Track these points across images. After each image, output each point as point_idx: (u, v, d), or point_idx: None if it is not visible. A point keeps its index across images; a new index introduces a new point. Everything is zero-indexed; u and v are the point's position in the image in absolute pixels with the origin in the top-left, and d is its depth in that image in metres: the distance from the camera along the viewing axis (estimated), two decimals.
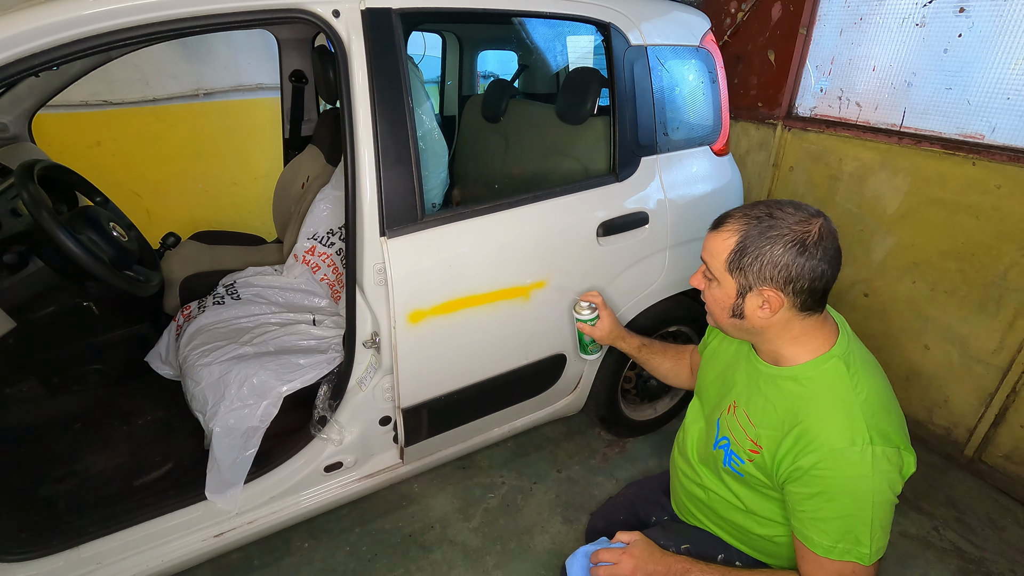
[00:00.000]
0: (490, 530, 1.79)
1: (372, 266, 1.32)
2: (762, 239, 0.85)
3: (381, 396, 1.49)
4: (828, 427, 0.85)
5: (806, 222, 0.85)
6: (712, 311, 0.98)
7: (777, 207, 0.88)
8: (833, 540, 0.85)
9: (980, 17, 1.80)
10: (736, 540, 1.10)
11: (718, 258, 0.91)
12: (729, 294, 0.91)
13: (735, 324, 0.95)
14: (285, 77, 2.41)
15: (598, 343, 1.38)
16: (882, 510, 0.84)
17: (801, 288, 0.85)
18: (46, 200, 1.39)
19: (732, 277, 0.90)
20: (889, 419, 0.87)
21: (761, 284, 0.87)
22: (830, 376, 0.89)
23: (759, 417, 0.95)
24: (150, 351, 1.82)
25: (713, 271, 0.93)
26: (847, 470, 0.83)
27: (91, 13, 1.00)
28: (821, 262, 0.84)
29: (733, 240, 0.88)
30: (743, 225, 0.88)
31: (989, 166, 1.82)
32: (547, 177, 1.93)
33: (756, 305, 0.89)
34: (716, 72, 1.83)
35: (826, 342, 0.92)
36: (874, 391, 0.88)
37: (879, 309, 2.22)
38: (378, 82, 1.24)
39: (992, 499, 1.93)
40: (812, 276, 0.84)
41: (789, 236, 0.84)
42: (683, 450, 1.16)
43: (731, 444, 1.00)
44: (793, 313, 0.89)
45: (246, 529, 1.46)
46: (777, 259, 0.84)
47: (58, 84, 1.88)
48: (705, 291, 0.97)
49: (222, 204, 3.24)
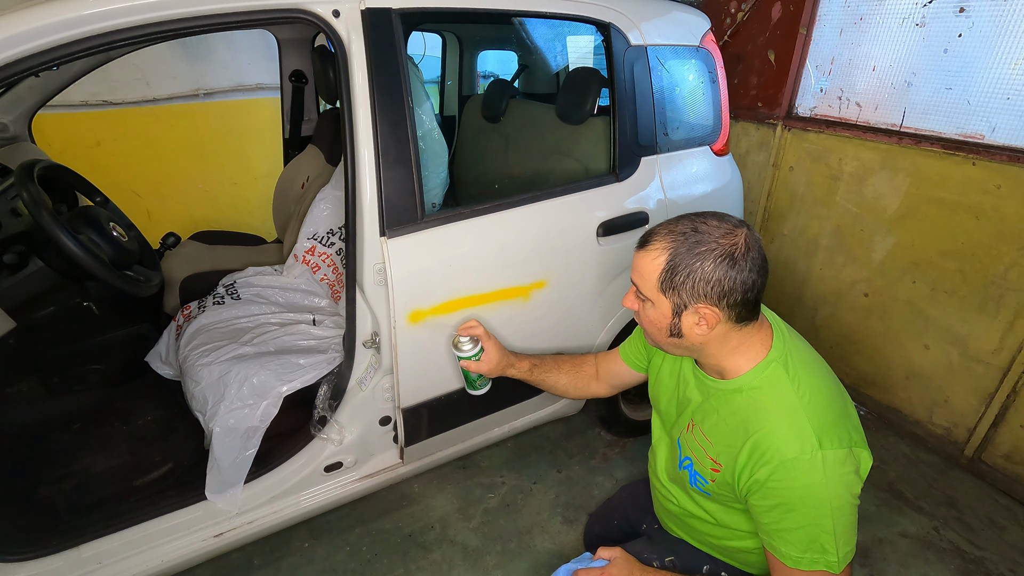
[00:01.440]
0: (490, 530, 1.79)
1: (372, 266, 1.32)
2: (691, 256, 0.84)
3: (381, 396, 1.49)
4: (777, 438, 0.84)
5: (731, 234, 0.84)
6: (649, 332, 0.96)
7: (701, 220, 0.87)
8: (800, 551, 0.85)
9: (980, 17, 1.80)
10: (717, 553, 1.09)
11: (649, 279, 0.89)
12: (665, 314, 0.90)
13: (674, 343, 0.93)
14: (285, 77, 2.41)
15: (486, 377, 1.30)
16: (843, 515, 0.83)
17: (735, 301, 0.85)
18: (46, 200, 1.39)
19: (666, 297, 0.88)
20: (835, 417, 0.86)
21: (695, 301, 0.86)
22: (771, 383, 0.89)
23: (714, 434, 0.94)
24: (150, 351, 1.82)
25: (645, 292, 0.91)
26: (800, 479, 0.82)
27: (91, 13, 1.00)
28: (751, 273, 0.84)
29: (663, 259, 0.86)
30: (670, 243, 0.86)
31: (989, 166, 1.82)
32: (547, 177, 1.93)
33: (693, 322, 0.88)
34: (716, 72, 1.83)
35: (763, 347, 0.91)
36: (816, 390, 0.88)
37: (879, 309, 2.22)
38: (378, 82, 1.24)
39: (992, 499, 1.93)
40: (744, 288, 0.84)
41: (718, 251, 0.83)
42: (654, 469, 1.15)
43: (694, 464, 0.99)
44: (730, 326, 0.88)
45: (246, 529, 1.46)
46: (709, 275, 0.83)
47: (58, 84, 1.88)
48: (640, 312, 0.95)
49: (222, 204, 3.24)
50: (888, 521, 1.84)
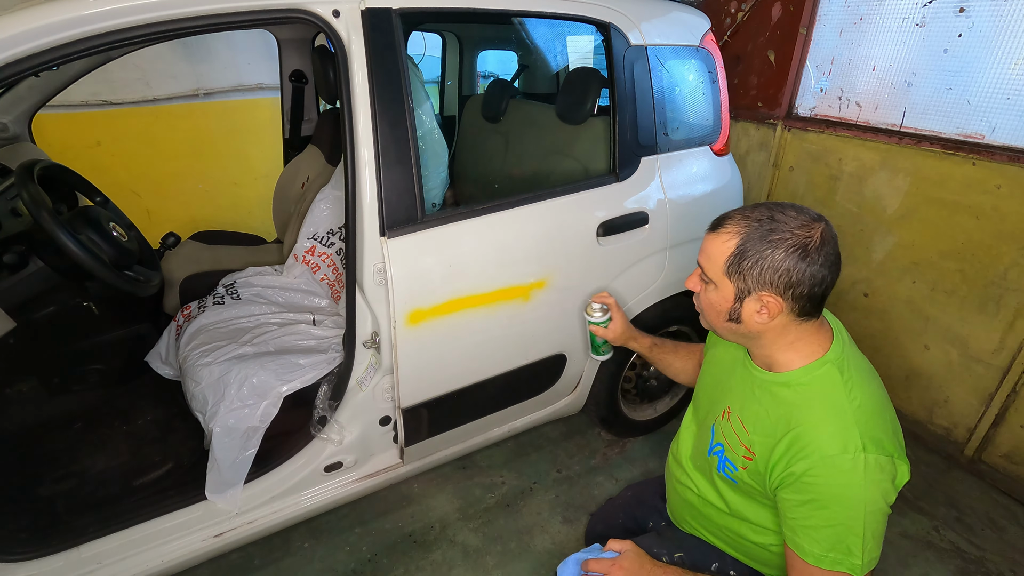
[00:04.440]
0: (490, 530, 1.79)
1: (372, 266, 1.32)
2: (763, 243, 0.83)
3: (381, 396, 1.49)
4: (821, 433, 0.83)
5: (808, 226, 0.83)
6: (707, 315, 0.96)
7: (779, 210, 0.85)
8: (824, 549, 0.84)
9: (980, 17, 1.80)
10: (731, 548, 1.09)
11: (716, 261, 0.89)
12: (727, 298, 0.89)
13: (731, 328, 0.93)
14: (285, 77, 2.41)
15: (610, 344, 1.36)
16: (874, 520, 0.82)
17: (801, 294, 0.84)
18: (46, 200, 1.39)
19: (731, 281, 0.87)
20: (883, 427, 0.86)
21: (760, 289, 0.85)
22: (824, 382, 0.88)
23: (753, 423, 0.94)
24: (150, 351, 1.82)
25: (710, 274, 0.90)
26: (838, 477, 0.81)
27: (91, 13, 1.00)
28: (822, 268, 0.82)
29: (733, 243, 0.86)
30: (743, 227, 0.86)
31: (989, 166, 1.82)
32: (547, 177, 1.93)
33: (753, 310, 0.87)
34: (716, 72, 1.83)
35: (820, 348, 0.90)
36: (868, 397, 0.87)
37: (879, 309, 2.22)
38: (378, 82, 1.24)
39: (992, 499, 1.93)
40: (812, 282, 0.83)
41: (791, 240, 0.82)
42: (677, 456, 1.15)
43: (725, 450, 0.99)
44: (791, 318, 0.87)
45: (246, 529, 1.46)
46: (778, 264, 0.82)
47: (58, 84, 1.88)
48: (700, 294, 0.95)
49: (222, 204, 3.24)
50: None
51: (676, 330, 2.04)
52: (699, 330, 2.04)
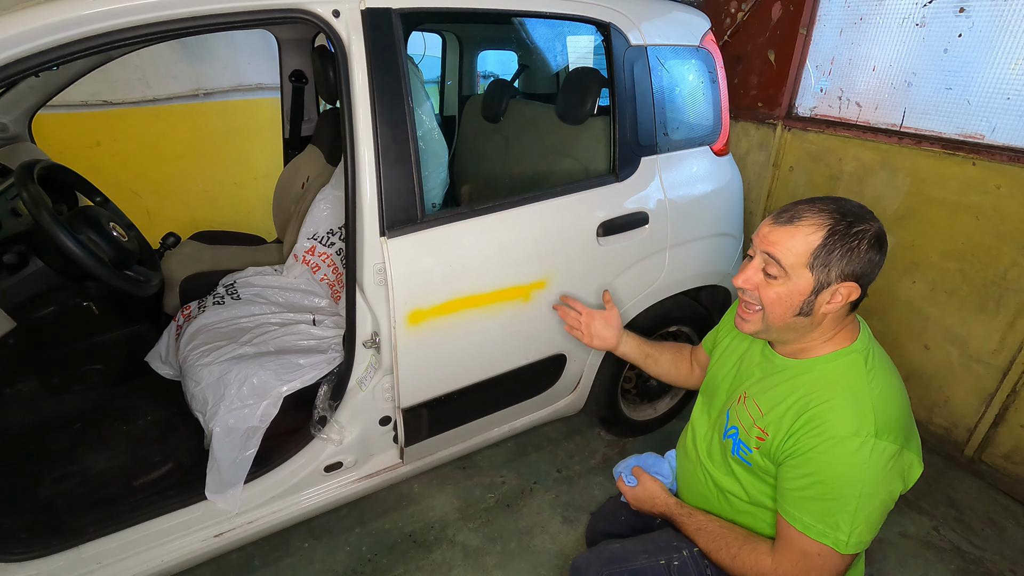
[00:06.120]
0: (490, 530, 1.79)
1: (372, 266, 1.32)
2: (849, 235, 0.85)
3: (381, 396, 1.49)
4: (837, 415, 0.85)
5: (874, 219, 0.88)
6: (772, 309, 0.92)
7: (843, 201, 0.89)
8: (813, 519, 0.86)
9: (980, 17, 1.80)
10: None
11: (798, 253, 0.87)
12: (801, 290, 0.88)
13: (796, 322, 0.91)
14: (285, 77, 2.41)
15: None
16: (869, 503, 0.83)
17: (868, 283, 0.88)
18: (46, 200, 1.39)
19: (812, 273, 0.87)
20: (899, 419, 0.87)
21: (844, 279, 0.86)
22: (847, 368, 0.90)
23: (768, 406, 0.95)
24: (150, 351, 1.82)
25: (787, 266, 0.88)
26: (843, 457, 0.83)
27: (91, 13, 1.00)
28: (882, 259, 0.87)
29: (819, 235, 0.86)
30: (826, 219, 0.87)
31: (989, 166, 1.82)
32: (547, 177, 1.93)
33: (824, 301, 0.88)
34: (716, 72, 1.83)
35: (847, 339, 0.93)
36: (889, 389, 0.89)
37: (879, 309, 2.22)
38: (378, 82, 1.24)
39: (992, 499, 1.93)
40: (876, 273, 0.88)
41: (872, 232, 0.86)
42: (688, 444, 1.17)
43: (739, 432, 1.00)
44: (845, 310, 0.90)
45: (246, 529, 1.46)
46: (863, 255, 0.85)
47: (58, 84, 1.88)
48: (762, 289, 0.92)
49: (222, 204, 3.24)
50: (888, 521, 1.80)
51: (676, 331, 2.04)
52: (699, 330, 2.04)
